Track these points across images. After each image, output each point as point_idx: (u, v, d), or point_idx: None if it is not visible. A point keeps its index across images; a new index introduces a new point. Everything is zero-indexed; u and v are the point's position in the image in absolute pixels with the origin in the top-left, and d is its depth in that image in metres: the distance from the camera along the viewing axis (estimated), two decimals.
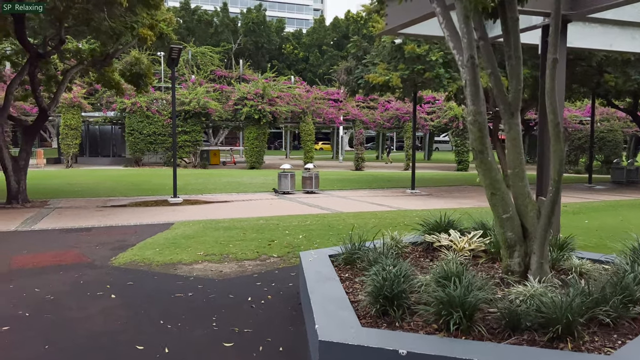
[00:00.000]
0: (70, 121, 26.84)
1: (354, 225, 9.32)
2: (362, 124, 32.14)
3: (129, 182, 19.04)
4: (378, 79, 14.84)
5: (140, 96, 27.78)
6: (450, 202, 14.20)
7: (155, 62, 35.83)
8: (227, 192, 16.51)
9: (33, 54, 12.41)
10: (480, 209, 12.04)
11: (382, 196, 15.99)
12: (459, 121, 31.10)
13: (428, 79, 14.77)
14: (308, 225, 9.45)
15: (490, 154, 4.17)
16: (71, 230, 9.14)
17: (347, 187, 18.48)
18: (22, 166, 13.17)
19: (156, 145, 28.38)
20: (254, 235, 8.37)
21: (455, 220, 5.95)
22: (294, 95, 31.13)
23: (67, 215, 11.23)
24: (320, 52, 57.67)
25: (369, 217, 10.44)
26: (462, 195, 16.42)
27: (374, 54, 16.78)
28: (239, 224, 9.61)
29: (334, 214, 11.18)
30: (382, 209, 12.25)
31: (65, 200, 14.08)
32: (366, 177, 23.56)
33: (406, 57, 14.42)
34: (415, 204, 13.78)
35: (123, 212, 11.70)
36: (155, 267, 6.41)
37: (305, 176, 16.88)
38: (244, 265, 6.51)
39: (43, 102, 13.17)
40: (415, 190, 17.31)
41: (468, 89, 4.06)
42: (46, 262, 6.66)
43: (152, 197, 14.83)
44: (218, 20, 56.63)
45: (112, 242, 8.05)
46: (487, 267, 4.82)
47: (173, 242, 7.87)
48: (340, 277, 4.52)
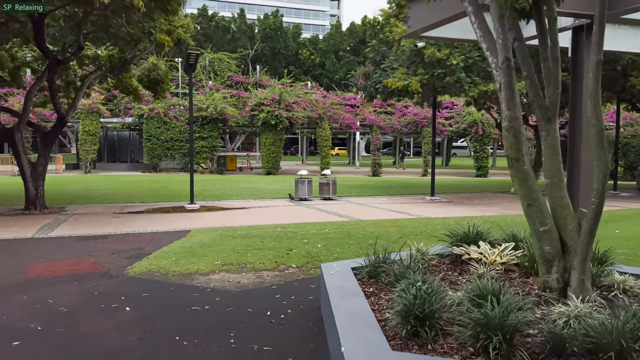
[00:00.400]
0: (88, 127, 27.06)
1: (374, 234, 9.06)
2: (380, 129, 31.84)
3: (146, 188, 19.03)
4: (397, 84, 14.58)
5: (158, 102, 27.90)
6: (472, 210, 13.84)
7: (173, 68, 36.05)
8: (243, 198, 16.37)
9: (52, 60, 12.43)
10: (504, 218, 11.68)
11: (401, 203, 15.68)
12: (478, 126, 30.66)
13: (448, 84, 14.46)
14: (327, 233, 9.21)
15: (526, 161, 3.90)
16: (87, 238, 9.04)
17: (365, 194, 18.20)
18: (41, 172, 13.19)
19: (173, 151, 28.47)
20: (272, 244, 8.16)
21: (484, 231, 5.65)
22: (310, 100, 31.00)
23: (84, 221, 11.17)
24: (336, 57, 57.54)
25: (389, 226, 10.16)
26: (483, 203, 16.03)
27: (392, 58, 16.52)
28: (257, 231, 9.42)
29: (352, 222, 10.93)
30: (402, 217, 11.96)
31: (83, 206, 14.06)
32: (384, 183, 23.25)
33: (426, 61, 14.14)
34: (436, 211, 13.45)
35: (140, 219, 11.60)
36: (171, 278, 6.23)
37: (323, 182, 16.66)
38: (262, 276, 6.29)
39: (61, 108, 13.20)
40: (435, 197, 16.96)
41: (503, 93, 3.80)
42: (61, 272, 6.53)
43: (169, 204, 14.75)
44: (235, 26, 56.91)
45: (128, 250, 7.91)
46: (521, 282, 4.52)
47: (190, 250, 7.70)
48: (365, 292, 4.27)
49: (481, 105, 21.37)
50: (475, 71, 14.41)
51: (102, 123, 28.85)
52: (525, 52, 4.01)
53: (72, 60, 13.81)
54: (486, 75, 14.62)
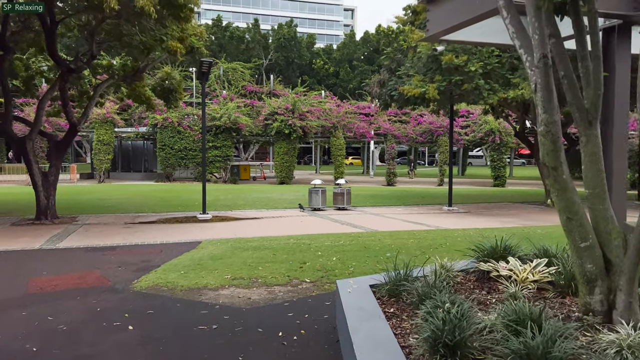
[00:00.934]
0: (102, 136, 27.11)
1: (392, 246, 8.67)
2: (394, 138, 31.44)
3: (159, 198, 18.87)
4: (413, 91, 14.22)
5: (172, 111, 27.88)
6: (492, 221, 13.36)
7: (187, 78, 36.16)
8: (256, 208, 16.08)
9: (64, 68, 12.33)
10: (527, 229, 11.20)
11: (417, 213, 15.25)
12: (495, 135, 30.09)
13: (466, 91, 14.06)
14: (341, 245, 8.84)
15: (565, 170, 3.52)
16: (95, 249, 8.79)
17: (380, 204, 17.80)
18: (52, 181, 13.05)
19: (187, 160, 28.38)
20: (285, 257, 7.81)
21: (513, 245, 5.23)
22: (324, 109, 30.76)
23: (94, 232, 10.95)
24: (350, 67, 57.36)
25: (407, 238, 9.76)
26: (502, 213, 15.52)
27: (408, 65, 16.19)
28: (269, 243, 9.09)
29: (368, 233, 10.54)
30: (420, 228, 11.54)
31: (94, 216, 13.89)
32: (399, 193, 22.81)
33: (443, 68, 13.77)
34: (454, 222, 13.00)
35: (150, 229, 11.36)
36: (178, 293, 5.92)
37: (337, 192, 16.30)
38: (274, 292, 5.95)
39: (73, 117, 13.08)
40: (453, 208, 16.49)
41: (539, 94, 3.43)
42: (64, 286, 6.26)
43: (181, 213, 14.52)
44: (249, 36, 57.13)
45: (136, 262, 7.63)
46: (557, 303, 4.11)
47: (199, 263, 7.39)
48: (385, 313, 3.90)
49: (499, 113, 20.88)
50: (493, 78, 14.00)
51: (117, 133, 28.92)
52: (562, 50, 3.64)
53: (84, 69, 13.73)
54: (505, 82, 14.20)
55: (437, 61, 14.12)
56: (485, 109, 21.74)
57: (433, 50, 13.71)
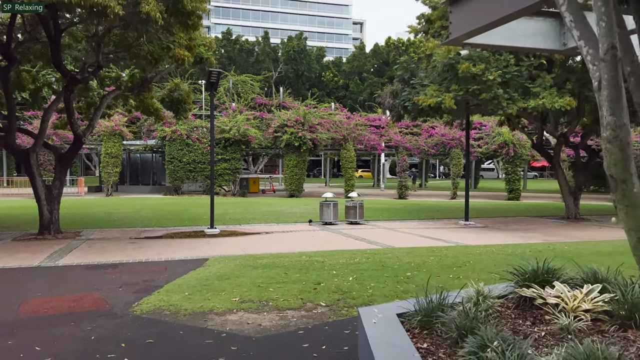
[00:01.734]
0: (111, 149, 26.83)
1: (411, 264, 8.10)
2: (406, 150, 30.89)
3: (167, 212, 18.42)
4: (429, 101, 13.70)
5: (181, 124, 27.60)
6: (512, 237, 12.72)
7: (196, 90, 35.97)
8: (266, 222, 15.57)
9: (69, 78, 11.99)
10: (552, 246, 10.56)
11: (433, 228, 14.65)
12: (509, 147, 29.42)
13: (484, 101, 13.52)
14: (357, 263, 8.28)
15: (636, 183, 2.96)
16: (97, 267, 8.30)
17: (393, 218, 17.21)
18: (56, 195, 12.65)
19: (196, 173, 28.00)
20: (297, 276, 7.26)
21: (556, 267, 4.65)
22: (334, 121, 30.34)
23: (97, 248, 10.48)
24: (360, 79, 57.04)
25: (426, 255, 9.17)
26: (522, 228, 14.86)
27: (422, 75, 15.71)
28: (280, 261, 8.55)
29: (385, 250, 9.97)
30: (438, 244, 10.94)
31: (99, 230, 13.45)
32: (412, 206, 22.20)
33: (460, 76, 13.26)
34: (474, 237, 12.38)
35: (156, 245, 10.87)
36: (182, 318, 5.39)
37: (349, 205, 15.76)
38: (287, 317, 5.40)
39: (78, 128, 12.71)
40: (470, 222, 15.86)
41: (605, 93, 2.89)
42: (59, 309, 5.75)
43: (188, 228, 14.06)
44: (259, 49, 57.12)
45: (138, 282, 7.12)
46: (618, 338, 3.53)
47: (205, 283, 6.86)
48: (419, 350, 3.34)
49: (515, 124, 20.28)
50: (512, 87, 13.46)
51: (125, 145, 28.64)
52: (629, 43, 3.11)
53: (90, 79, 13.39)
54: (524, 91, 13.65)
55: (454, 70, 13.62)
56: (501, 121, 21.17)
57: (457, 54, 13.21)
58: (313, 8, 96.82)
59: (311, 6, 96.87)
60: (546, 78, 13.03)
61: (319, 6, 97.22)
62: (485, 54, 13.58)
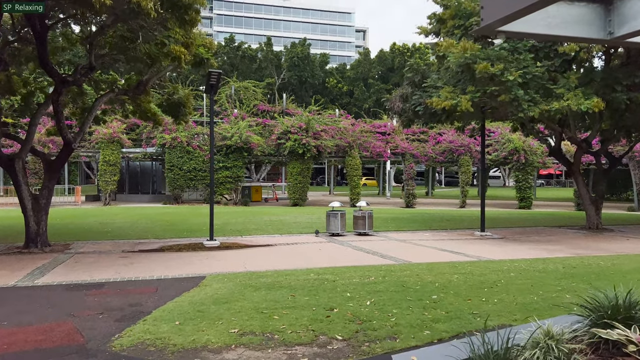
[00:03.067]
0: (109, 157, 25.96)
1: (435, 284, 7.14)
2: (413, 157, 29.95)
3: (165, 222, 17.50)
4: (443, 103, 12.79)
5: (181, 131, 26.77)
6: (536, 249, 11.74)
7: (197, 97, 35.21)
8: (269, 233, 14.64)
9: (57, 79, 11.14)
10: (584, 261, 9.58)
11: (448, 239, 13.69)
12: (519, 154, 28.44)
13: (503, 103, 12.62)
14: (374, 283, 7.32)
15: None
16: (79, 287, 7.37)
17: (404, 228, 16.25)
18: (44, 205, 11.75)
19: (196, 181, 27.09)
20: (306, 300, 6.32)
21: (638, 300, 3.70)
22: (339, 128, 29.46)
23: (85, 263, 9.56)
24: (365, 85, 56.17)
25: (449, 272, 8.21)
26: (543, 240, 13.88)
27: (435, 77, 14.84)
28: (285, 279, 7.60)
29: (401, 266, 9.01)
30: (459, 259, 9.98)
31: (91, 243, 12.55)
32: (421, 215, 21.23)
33: (477, 77, 12.36)
34: (495, 251, 11.42)
35: (150, 259, 9.95)
36: (169, 356, 4.45)
37: (357, 215, 14.82)
38: (296, 355, 4.46)
39: (68, 134, 11.83)
40: (486, 233, 14.89)
41: None
42: (22, 344, 4.82)
43: (186, 240, 13.16)
44: (262, 55, 56.38)
45: (123, 306, 6.19)
46: None
47: (200, 309, 5.93)
48: None
49: (529, 130, 19.36)
50: (533, 88, 12.56)
51: (124, 153, 27.77)
52: None
53: (82, 82, 12.52)
54: (546, 92, 12.75)
55: (470, 70, 12.73)
56: (514, 126, 20.23)
57: (465, 57, 12.32)
58: (316, 16, 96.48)
59: (314, 14, 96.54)
60: (571, 78, 12.13)
61: (322, 14, 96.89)
62: (504, 53, 12.71)
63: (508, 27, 6.31)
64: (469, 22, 14.33)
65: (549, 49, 13.20)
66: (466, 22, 14.44)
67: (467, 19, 14.45)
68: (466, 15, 14.50)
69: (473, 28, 14.43)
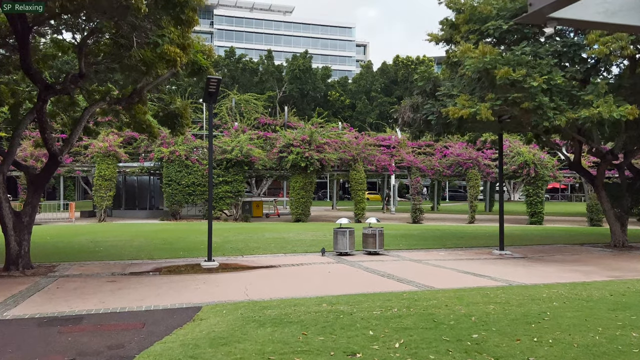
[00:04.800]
0: (104, 171, 24.95)
1: (470, 317, 6.08)
2: (419, 171, 28.96)
3: (162, 240, 16.43)
4: (461, 112, 11.82)
5: (180, 144, 25.84)
6: (568, 272, 10.66)
7: (197, 110, 34.36)
8: (272, 252, 13.59)
9: (41, 86, 10.20)
10: (632, 286, 8.50)
11: (466, 259, 12.63)
12: (529, 168, 27.46)
13: (526, 111, 11.65)
14: (398, 316, 6.26)
15: None
16: (54, 322, 6.32)
17: (415, 246, 15.18)
18: (26, 223, 10.73)
19: (195, 196, 26.05)
20: (320, 340, 5.26)
21: None
22: (342, 141, 28.52)
23: (67, 289, 8.52)
24: (368, 98, 55.29)
25: (482, 301, 7.14)
26: (569, 259, 12.82)
27: (449, 84, 13.91)
28: (294, 312, 6.54)
29: (425, 293, 7.94)
30: (487, 283, 8.91)
31: (79, 264, 11.51)
32: (431, 232, 20.16)
33: (498, 84, 11.42)
34: (521, 273, 10.35)
35: (140, 284, 8.90)
36: None
37: (367, 233, 13.77)
38: None
39: (54, 145, 10.85)
40: (505, 252, 13.83)
41: None
42: None
43: (182, 260, 12.14)
44: (263, 68, 55.64)
45: (101, 349, 5.14)
46: None
47: (193, 354, 4.87)
48: None
49: (545, 142, 18.40)
50: (558, 95, 11.61)
51: (120, 167, 26.75)
52: None
53: (70, 90, 11.55)
54: (572, 99, 11.79)
55: (489, 76, 11.79)
56: (529, 138, 19.22)
57: (485, 62, 11.39)
58: (316, 30, 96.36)
59: (314, 29, 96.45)
60: (600, 84, 11.18)
61: (322, 29, 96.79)
62: (525, 58, 11.78)
63: (560, 13, 5.17)
64: (484, 27, 13.45)
65: (573, 53, 12.29)
66: (482, 27, 13.56)
67: (483, 23, 13.57)
68: (482, 20, 13.62)
69: (489, 32, 13.58)
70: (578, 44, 12.28)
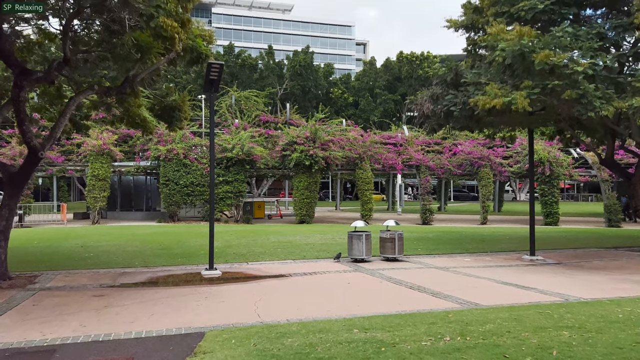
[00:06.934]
0: (97, 171, 23.55)
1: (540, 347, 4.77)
2: (428, 170, 27.64)
3: (158, 244, 15.11)
4: (493, 102, 10.51)
5: (177, 142, 24.47)
6: (621, 282, 9.34)
7: (195, 107, 33.00)
8: (279, 258, 12.28)
9: (15, 69, 8.86)
10: None
11: (497, 266, 11.33)
12: (544, 166, 26.15)
13: (567, 101, 10.34)
14: (455, 348, 4.94)
15: None
16: (19, 356, 4.99)
17: (435, 251, 13.87)
18: (3, 228, 9.41)
19: (194, 197, 24.67)
20: None
21: None
22: (348, 138, 27.17)
23: (45, 307, 7.19)
24: (371, 95, 53.84)
25: (550, 325, 5.82)
26: (610, 266, 11.52)
27: (475, 72, 12.60)
28: (320, 341, 5.22)
29: (473, 313, 6.60)
30: (540, 299, 7.59)
31: (64, 273, 10.20)
32: (447, 234, 18.86)
33: (537, 69, 10.10)
34: (567, 284, 9.05)
35: (131, 300, 7.59)
36: None
37: (385, 237, 12.47)
38: None
39: (33, 139, 9.49)
40: (537, 257, 12.54)
41: None
42: None
43: (181, 268, 10.85)
44: (263, 64, 54.21)
45: None
46: None
47: None
48: None
49: (569, 140, 17.11)
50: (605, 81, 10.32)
51: (115, 167, 25.34)
52: None
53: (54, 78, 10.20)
54: (618, 87, 10.50)
55: (525, 62, 10.46)
56: (551, 135, 17.90)
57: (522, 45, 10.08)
58: (316, 29, 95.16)
59: (314, 27, 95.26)
60: None
61: (322, 27, 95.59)
62: (564, 41, 10.47)
63: None
64: (514, 8, 12.13)
65: (618, 36, 11.00)
66: (511, 9, 12.25)
67: (512, 4, 12.27)
68: (510, 1, 12.32)
69: (521, 15, 12.28)
70: (623, 25, 10.98)
